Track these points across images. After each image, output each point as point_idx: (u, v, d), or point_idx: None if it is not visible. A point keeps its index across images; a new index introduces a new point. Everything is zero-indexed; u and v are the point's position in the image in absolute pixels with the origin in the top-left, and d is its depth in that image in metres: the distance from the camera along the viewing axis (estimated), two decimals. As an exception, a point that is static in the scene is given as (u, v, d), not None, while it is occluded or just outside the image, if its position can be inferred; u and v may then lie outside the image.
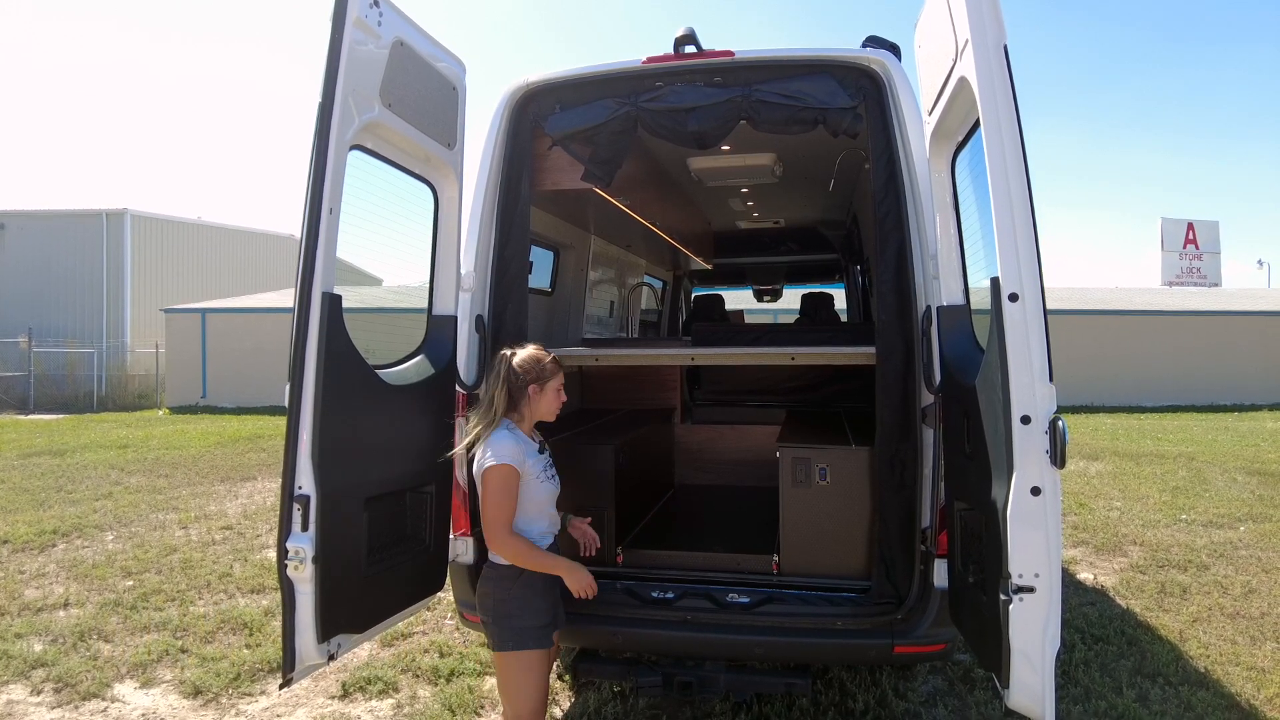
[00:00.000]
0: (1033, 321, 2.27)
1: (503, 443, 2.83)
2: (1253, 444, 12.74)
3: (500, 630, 2.88)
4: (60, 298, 26.06)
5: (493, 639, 2.92)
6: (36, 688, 4.25)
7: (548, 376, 2.99)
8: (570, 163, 3.79)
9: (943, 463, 3.00)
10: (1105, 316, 21.00)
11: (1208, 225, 33.10)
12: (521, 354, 2.98)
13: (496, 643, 2.90)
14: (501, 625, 2.87)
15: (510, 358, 2.97)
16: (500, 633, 2.88)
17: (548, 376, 2.99)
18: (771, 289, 10.70)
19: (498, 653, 2.90)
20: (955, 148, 3.00)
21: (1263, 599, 5.41)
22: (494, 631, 2.90)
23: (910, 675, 4.21)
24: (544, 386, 2.99)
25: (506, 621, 2.87)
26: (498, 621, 2.88)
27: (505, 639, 2.87)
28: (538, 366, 2.97)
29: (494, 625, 2.89)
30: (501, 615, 2.87)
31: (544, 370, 2.98)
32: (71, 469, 11.02)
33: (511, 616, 2.87)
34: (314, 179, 2.62)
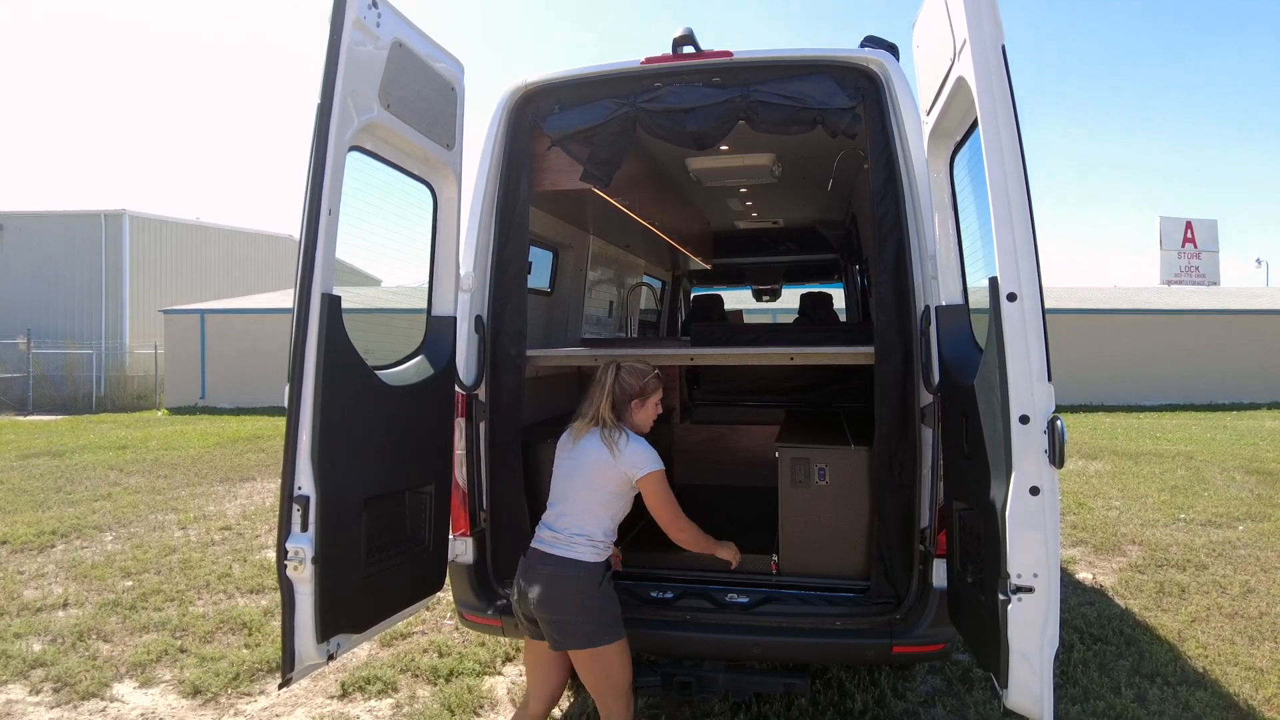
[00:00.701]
0: (1031, 321, 2.27)
1: (651, 449, 3.03)
2: (1251, 443, 12.75)
3: (594, 624, 2.87)
4: (59, 299, 26.03)
5: (583, 637, 2.87)
6: (35, 687, 4.25)
7: (650, 392, 3.15)
8: (569, 163, 3.79)
9: (941, 463, 3.00)
10: (1103, 315, 21.01)
11: (1206, 224, 33.13)
12: (627, 369, 3.12)
13: (591, 638, 2.86)
14: (595, 620, 2.87)
15: (617, 371, 3.11)
16: (595, 627, 2.87)
17: (650, 392, 3.15)
18: (770, 289, 10.70)
19: (593, 649, 2.86)
20: (953, 147, 3.00)
21: (1261, 598, 5.42)
22: (586, 629, 2.86)
23: (909, 675, 4.21)
24: (645, 402, 3.13)
25: (601, 616, 2.89)
26: (592, 617, 2.87)
27: (603, 632, 2.87)
28: (641, 383, 3.12)
29: (587, 622, 2.86)
30: (596, 609, 2.88)
31: (647, 386, 3.13)
32: (70, 470, 11.02)
33: (605, 610, 2.91)
34: (313, 180, 2.62)
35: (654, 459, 3.00)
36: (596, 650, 2.87)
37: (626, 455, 2.97)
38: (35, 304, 25.73)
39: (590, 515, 2.97)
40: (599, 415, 3.05)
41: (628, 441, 3.01)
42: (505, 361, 3.54)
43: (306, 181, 2.63)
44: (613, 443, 2.99)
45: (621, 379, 3.10)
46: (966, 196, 3.04)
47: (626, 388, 3.09)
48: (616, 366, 3.13)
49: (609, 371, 3.11)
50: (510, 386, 3.55)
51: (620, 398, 3.08)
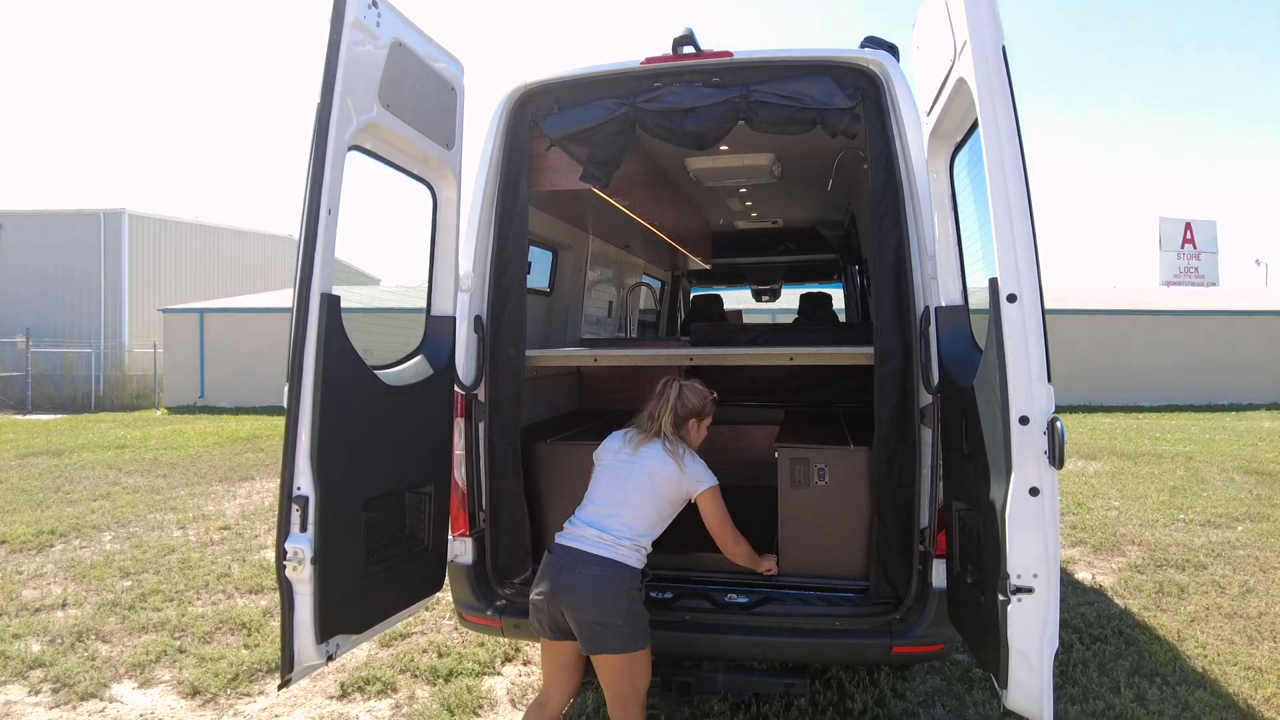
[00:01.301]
0: (1031, 322, 2.27)
1: (706, 465, 3.14)
2: (1250, 443, 12.75)
3: (634, 630, 2.87)
4: (58, 298, 26.01)
5: (621, 641, 2.85)
6: (34, 688, 4.24)
7: (708, 413, 3.27)
8: (569, 163, 3.79)
9: (941, 463, 3.00)
10: (1103, 316, 21.03)
11: (1205, 225, 33.14)
12: (689, 388, 3.23)
13: (628, 643, 2.85)
14: (635, 624, 2.88)
15: (682, 389, 3.21)
16: (634, 633, 2.87)
17: (708, 413, 3.27)
18: (770, 289, 10.70)
19: (629, 654, 2.85)
20: (953, 148, 3.00)
21: (1260, 598, 5.42)
22: (626, 634, 2.85)
23: (908, 675, 4.21)
24: (701, 423, 3.26)
25: (640, 621, 2.90)
26: (631, 621, 2.86)
27: (639, 637, 2.88)
28: (703, 403, 3.24)
29: (626, 626, 2.85)
30: (634, 614, 2.89)
31: (705, 408, 3.25)
32: (69, 469, 11.01)
33: (643, 616, 2.93)
34: (312, 179, 2.62)
35: (712, 475, 3.12)
36: (632, 655, 2.86)
37: (692, 470, 3.08)
38: (34, 303, 25.71)
39: (646, 521, 3.01)
40: (662, 429, 3.15)
41: (692, 458, 3.13)
42: (504, 361, 3.54)
43: (306, 181, 2.63)
44: (679, 457, 3.09)
45: (685, 396, 3.21)
46: (966, 197, 3.04)
47: (689, 405, 3.20)
48: (680, 384, 3.23)
49: (672, 387, 3.21)
50: (509, 386, 3.55)
51: (682, 414, 3.19)
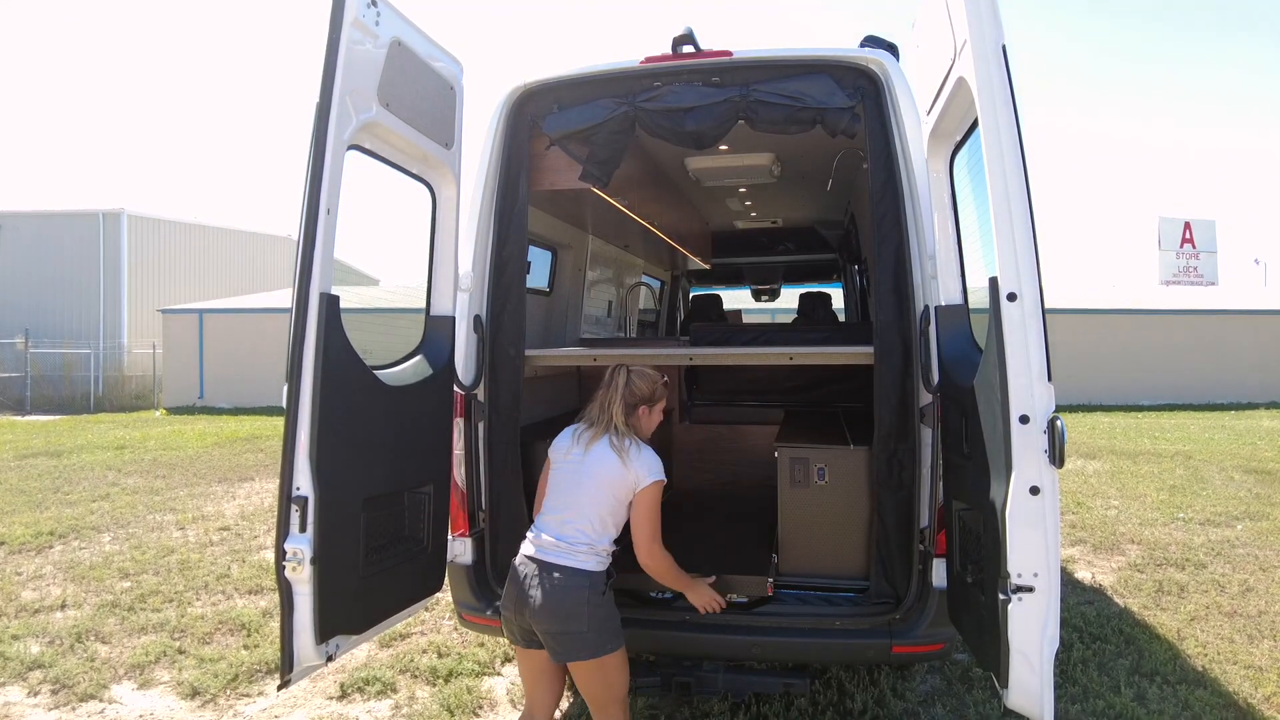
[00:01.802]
0: (1031, 321, 2.27)
1: (657, 459, 2.97)
2: (1249, 442, 12.76)
3: (600, 635, 2.82)
4: (57, 298, 25.98)
5: (588, 648, 2.82)
6: (34, 689, 4.24)
7: (659, 398, 3.12)
8: (568, 163, 3.79)
9: (941, 462, 3.00)
10: (1102, 315, 21.04)
11: (1204, 224, 33.15)
12: (637, 373, 3.08)
13: (595, 649, 2.82)
14: (602, 630, 2.82)
15: (629, 375, 3.07)
16: (601, 639, 2.82)
17: (659, 398, 3.12)
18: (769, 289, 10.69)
19: (598, 659, 2.81)
20: (953, 147, 3.00)
21: (1260, 597, 5.42)
22: (591, 640, 2.81)
23: (908, 675, 4.21)
24: (652, 409, 3.11)
25: (607, 624, 2.85)
26: (597, 627, 2.81)
27: (606, 642, 2.83)
28: (652, 388, 3.09)
29: (591, 633, 2.80)
30: (598, 619, 2.82)
31: (655, 393, 3.10)
32: (68, 470, 11.00)
33: (610, 619, 2.87)
34: (311, 179, 2.61)
35: (660, 468, 2.98)
36: (601, 660, 2.82)
37: (636, 463, 2.94)
38: (33, 303, 25.68)
39: (599, 523, 2.90)
40: (612, 420, 3.00)
41: (639, 449, 2.98)
42: (504, 361, 3.54)
43: (305, 181, 2.62)
44: (623, 449, 2.95)
45: (633, 383, 3.06)
46: (966, 196, 3.04)
47: (637, 392, 3.06)
48: (626, 370, 3.08)
49: (619, 374, 3.07)
50: (509, 386, 3.54)
51: (631, 402, 3.05)
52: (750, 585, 3.37)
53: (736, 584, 3.35)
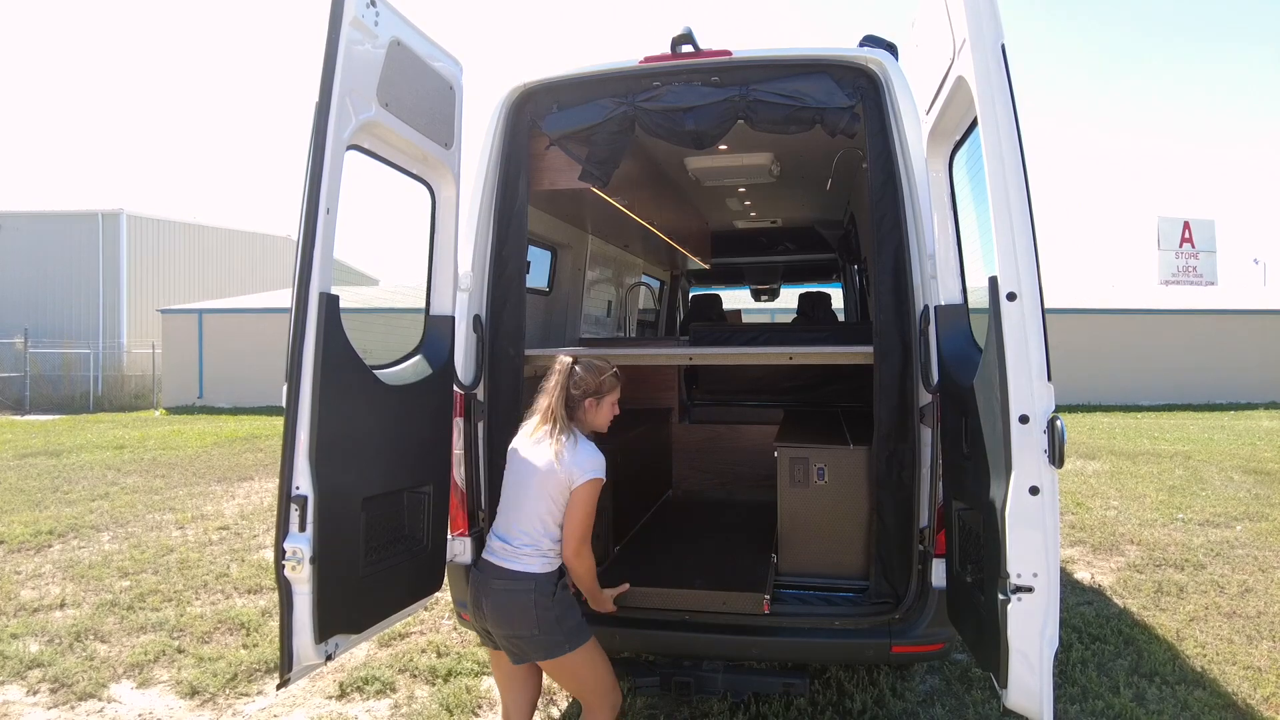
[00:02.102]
0: (1031, 320, 2.27)
1: (599, 456, 2.86)
2: (1249, 443, 12.76)
3: (553, 635, 2.79)
4: (56, 298, 25.97)
5: (543, 649, 2.80)
6: (33, 688, 4.24)
7: (605, 391, 2.98)
8: (568, 162, 3.79)
9: (940, 462, 3.00)
10: (1101, 315, 21.04)
11: (1204, 224, 33.16)
12: (582, 366, 2.95)
13: (550, 651, 2.79)
14: (553, 631, 2.78)
15: (570, 368, 2.93)
16: (553, 640, 2.79)
17: (605, 391, 2.98)
18: (769, 288, 10.70)
19: (560, 658, 2.80)
20: (953, 147, 3.00)
21: (1259, 598, 5.43)
22: (544, 641, 2.79)
23: (908, 675, 4.21)
24: (600, 401, 2.97)
25: (560, 625, 2.80)
26: (547, 629, 2.78)
27: (561, 644, 2.79)
28: (598, 380, 2.95)
29: (542, 635, 2.78)
30: (551, 620, 2.78)
31: (603, 384, 2.96)
32: (67, 469, 11.00)
33: (563, 619, 2.81)
34: (311, 179, 2.61)
35: (598, 466, 2.84)
36: (560, 660, 2.80)
37: (570, 458, 2.81)
38: (32, 303, 25.67)
39: (539, 523, 2.83)
40: (551, 414, 2.89)
41: (575, 445, 2.85)
42: (503, 361, 3.54)
43: (304, 180, 2.62)
44: (559, 446, 2.83)
45: (576, 375, 2.94)
46: (966, 196, 3.04)
47: (581, 385, 2.93)
48: (572, 362, 2.97)
49: (563, 367, 2.96)
50: (508, 386, 3.54)
51: (576, 394, 2.93)
52: (745, 602, 3.26)
53: (731, 601, 3.25)
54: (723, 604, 3.24)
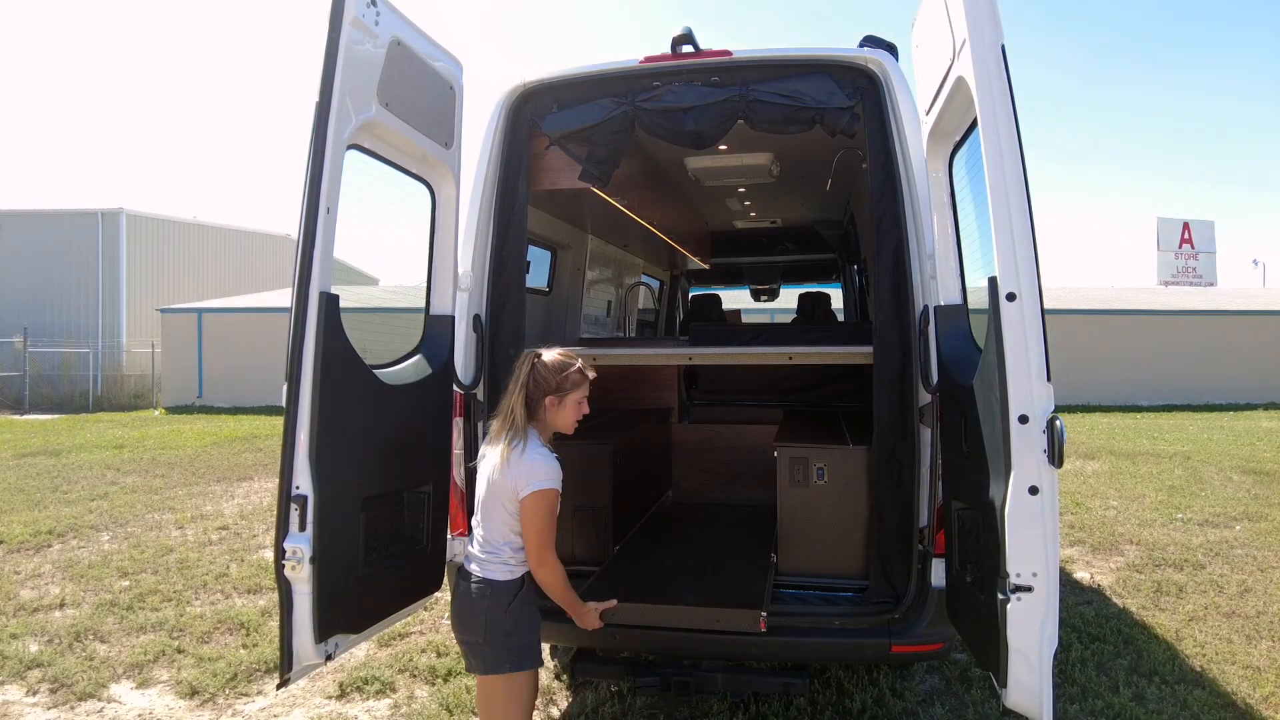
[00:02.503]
0: (1030, 321, 2.28)
1: (549, 463, 2.68)
2: (1248, 443, 12.77)
3: (496, 651, 2.64)
4: (55, 298, 25.97)
5: (483, 661, 2.67)
6: (32, 688, 4.24)
7: (569, 389, 2.76)
8: (567, 162, 3.79)
9: (940, 462, 3.00)
10: (1101, 316, 21.05)
11: (1203, 225, 33.17)
12: (545, 361, 2.76)
13: (489, 664, 2.66)
14: (498, 645, 2.64)
15: (533, 363, 2.75)
16: (495, 653, 2.64)
17: (569, 389, 2.76)
18: (768, 288, 10.70)
19: (489, 675, 2.67)
20: (953, 147, 3.01)
21: (1258, 598, 5.43)
22: (486, 654, 2.65)
23: (907, 674, 4.21)
24: (563, 400, 2.76)
25: (505, 640, 2.65)
26: (493, 641, 2.64)
27: (502, 660, 2.65)
28: (559, 377, 2.74)
29: (487, 646, 2.65)
30: (498, 634, 2.64)
31: (566, 381, 2.75)
32: (67, 469, 10.99)
33: (510, 634, 2.66)
34: (311, 178, 2.61)
35: (547, 475, 2.65)
36: (490, 680, 2.68)
37: (517, 466, 2.65)
38: (32, 303, 25.66)
39: (498, 532, 2.71)
40: (510, 415, 2.72)
41: (524, 451, 2.66)
42: (503, 361, 3.54)
43: (305, 180, 2.62)
44: (510, 451, 2.67)
45: (537, 372, 2.74)
46: (965, 196, 3.04)
47: (542, 382, 2.73)
48: (534, 357, 2.78)
49: (525, 363, 2.77)
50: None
51: (534, 393, 2.73)
52: (740, 620, 3.10)
53: (725, 619, 3.10)
54: (716, 621, 3.10)
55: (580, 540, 3.92)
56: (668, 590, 3.41)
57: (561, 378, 2.74)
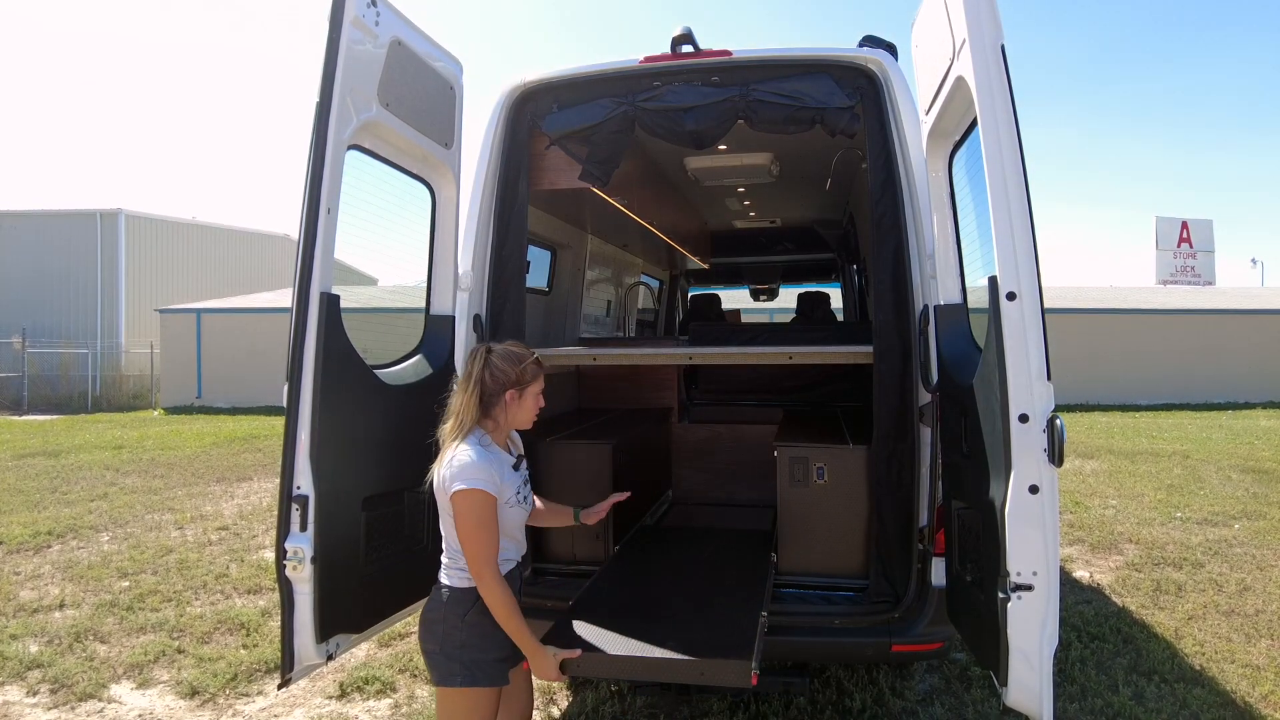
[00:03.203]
0: (1030, 320, 2.28)
1: (481, 463, 2.43)
2: (1247, 442, 12.78)
3: (449, 663, 2.48)
4: (54, 298, 25.94)
5: (438, 672, 2.51)
6: (33, 689, 4.24)
7: (528, 380, 2.60)
8: (568, 162, 3.79)
9: (940, 461, 3.00)
10: (1100, 315, 21.07)
11: (1202, 224, 33.21)
12: (500, 353, 2.59)
13: (442, 676, 2.49)
14: (452, 657, 2.47)
15: (487, 356, 2.57)
16: (448, 665, 2.48)
17: (528, 380, 2.60)
18: (768, 288, 10.71)
19: (442, 687, 2.51)
20: (952, 147, 3.01)
21: (1257, 596, 5.44)
22: (440, 664, 2.50)
23: (907, 674, 4.22)
24: (523, 392, 2.59)
25: (459, 653, 2.47)
26: (447, 652, 2.48)
27: (454, 672, 2.47)
28: (518, 369, 2.57)
29: (442, 656, 2.49)
30: (453, 645, 2.48)
31: (525, 373, 2.59)
32: (66, 470, 10.98)
33: (465, 646, 2.48)
34: (312, 179, 2.62)
35: (475, 475, 2.40)
36: (445, 691, 2.50)
37: (447, 465, 2.45)
38: (31, 303, 25.64)
39: (450, 533, 2.52)
40: (459, 415, 2.53)
41: (456, 450, 2.46)
42: None
43: (305, 180, 2.63)
44: (448, 449, 2.49)
45: (493, 366, 2.55)
46: (965, 196, 3.05)
47: (500, 375, 2.55)
48: (487, 351, 2.59)
49: (476, 359, 2.58)
50: None
51: (491, 388, 2.55)
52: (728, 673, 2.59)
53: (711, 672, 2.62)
54: (701, 675, 2.66)
55: (580, 540, 3.92)
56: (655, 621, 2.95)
57: (520, 369, 2.58)
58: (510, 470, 2.58)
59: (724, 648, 2.69)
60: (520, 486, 2.63)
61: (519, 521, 2.64)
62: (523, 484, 2.66)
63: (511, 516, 2.57)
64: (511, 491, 2.56)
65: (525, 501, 2.65)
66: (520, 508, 2.61)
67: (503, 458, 2.58)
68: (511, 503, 2.56)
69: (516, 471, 2.63)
